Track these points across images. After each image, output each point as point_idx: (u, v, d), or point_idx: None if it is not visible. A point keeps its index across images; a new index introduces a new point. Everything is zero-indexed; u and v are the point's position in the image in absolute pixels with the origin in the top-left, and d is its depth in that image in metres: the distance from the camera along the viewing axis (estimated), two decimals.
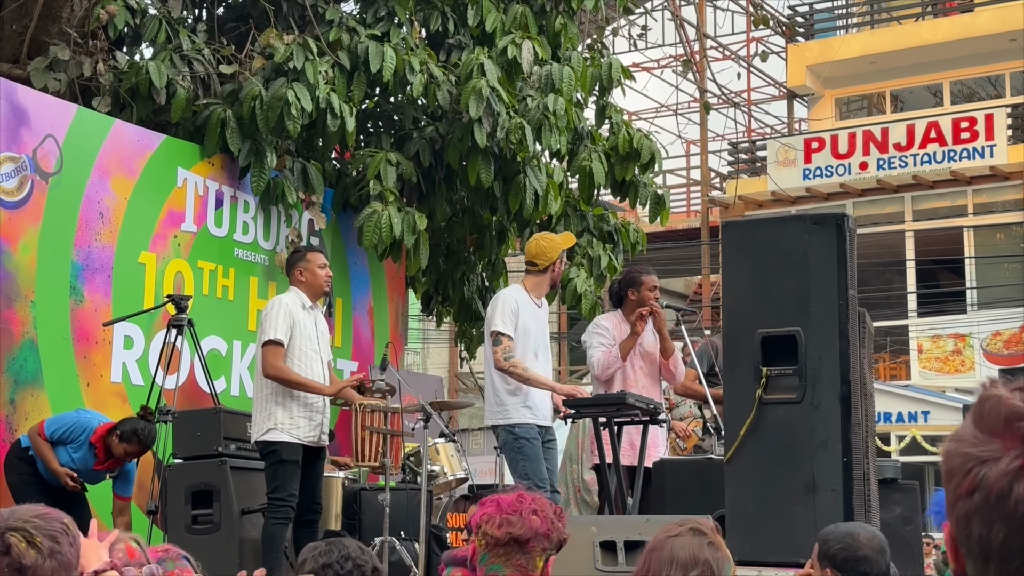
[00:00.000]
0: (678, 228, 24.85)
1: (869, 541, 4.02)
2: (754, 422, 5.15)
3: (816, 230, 5.18)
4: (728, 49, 26.82)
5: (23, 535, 2.38)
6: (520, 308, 7.41)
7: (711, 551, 3.37)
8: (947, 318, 23.62)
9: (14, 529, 2.38)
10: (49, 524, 2.44)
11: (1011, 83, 26.86)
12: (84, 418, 7.70)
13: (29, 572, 2.35)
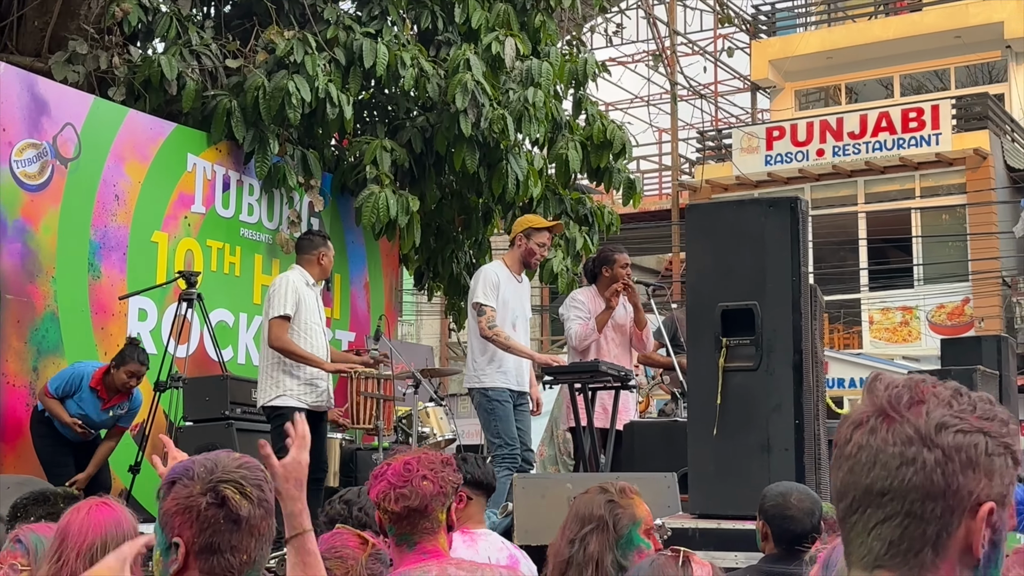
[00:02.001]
0: (650, 210, 24.83)
1: (799, 503, 4.05)
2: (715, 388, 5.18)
3: (772, 213, 5.18)
4: (696, 45, 26.79)
5: (236, 487, 2.28)
6: (500, 281, 7.43)
7: (608, 508, 3.37)
8: (896, 292, 23.69)
9: (225, 481, 2.28)
10: (254, 474, 2.35)
11: (956, 77, 26.90)
12: (79, 368, 7.71)
13: (243, 523, 2.28)
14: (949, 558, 1.36)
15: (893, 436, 1.37)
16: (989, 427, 1.37)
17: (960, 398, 1.39)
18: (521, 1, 10.66)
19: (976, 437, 1.36)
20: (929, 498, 1.35)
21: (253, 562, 2.31)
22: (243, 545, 2.28)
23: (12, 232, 8.13)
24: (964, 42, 25.57)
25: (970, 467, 1.35)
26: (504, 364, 7.35)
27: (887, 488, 1.37)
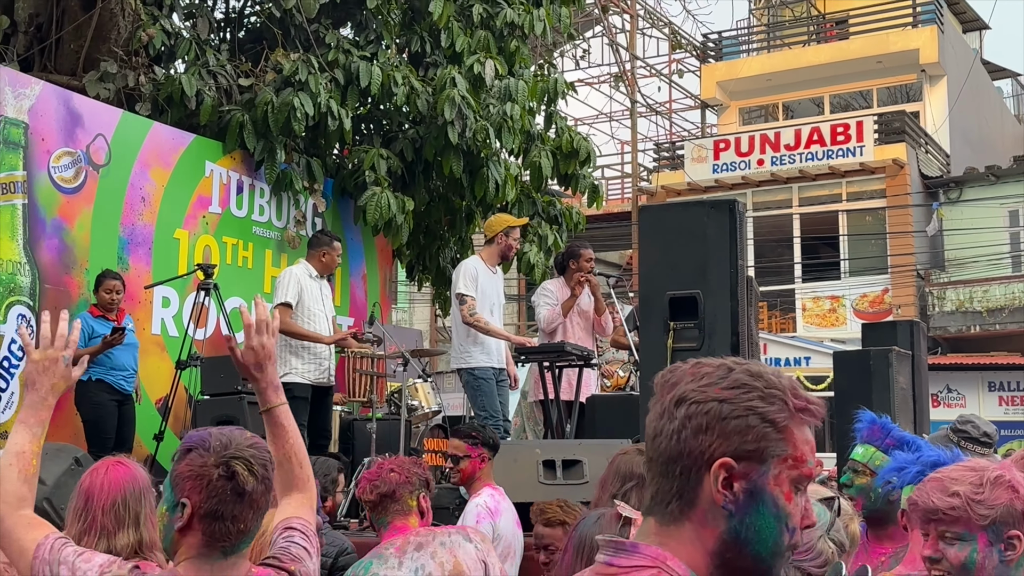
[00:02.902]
0: (613, 211, 24.84)
1: None
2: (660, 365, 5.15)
3: (713, 213, 5.15)
4: (653, 68, 26.78)
5: (245, 464, 2.27)
6: (479, 274, 7.42)
7: None
8: (825, 283, 23.79)
9: (237, 458, 2.27)
10: (261, 454, 2.34)
11: (878, 96, 27.00)
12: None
13: (247, 496, 2.27)
14: (698, 508, 1.43)
15: (653, 414, 1.48)
16: (729, 395, 1.43)
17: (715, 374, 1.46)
18: (499, 28, 10.63)
19: (709, 405, 1.43)
20: (671, 461, 1.45)
21: (248, 531, 2.31)
22: (243, 516, 2.28)
23: (50, 230, 8.10)
24: (885, 66, 25.68)
25: (701, 431, 1.43)
26: (486, 346, 7.35)
27: (651, 455, 1.49)
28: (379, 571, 3.19)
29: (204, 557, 2.27)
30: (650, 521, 1.47)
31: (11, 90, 7.88)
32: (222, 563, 2.27)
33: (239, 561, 2.31)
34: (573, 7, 12.01)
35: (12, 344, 7.74)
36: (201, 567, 2.26)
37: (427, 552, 3.21)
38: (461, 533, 3.33)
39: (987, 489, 2.27)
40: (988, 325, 22.43)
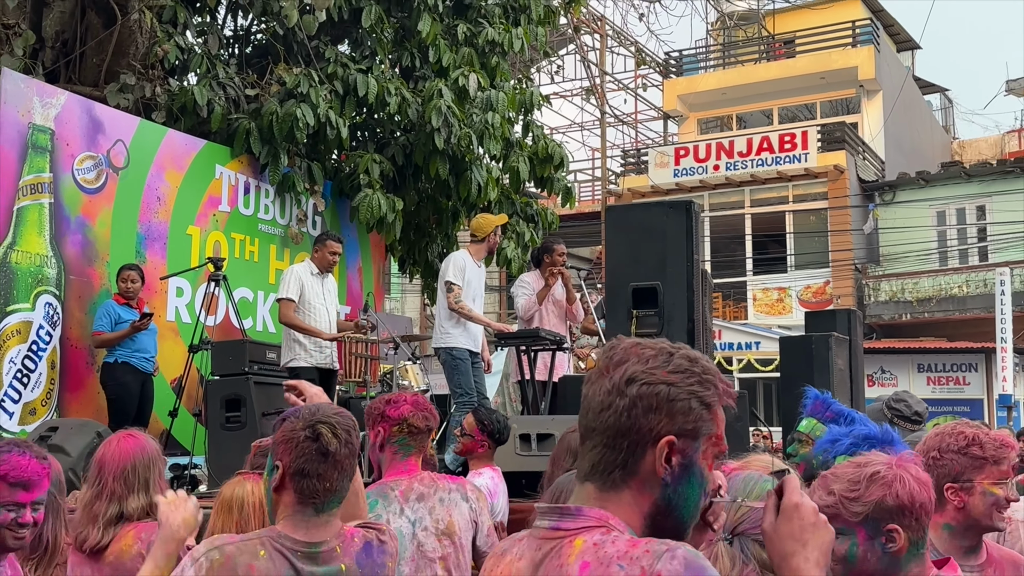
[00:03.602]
0: (584, 212, 24.80)
1: None
2: None
3: (672, 213, 5.17)
4: (620, 82, 26.77)
5: (330, 428, 2.33)
6: (466, 266, 7.39)
7: None
8: (773, 276, 23.87)
9: (323, 423, 2.33)
10: (345, 421, 2.38)
11: (821, 109, 27.07)
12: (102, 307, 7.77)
13: (331, 456, 2.32)
14: (638, 477, 1.46)
15: (600, 388, 1.47)
16: (675, 379, 1.46)
17: (659, 357, 1.48)
18: (481, 45, 10.60)
19: (659, 387, 1.45)
20: (619, 434, 1.45)
21: (335, 491, 2.35)
22: (328, 474, 2.32)
23: (74, 226, 8.05)
24: (827, 82, 25.75)
25: (651, 411, 1.45)
26: (467, 329, 7.32)
27: (595, 426, 1.47)
28: (382, 513, 3.17)
29: (299, 514, 2.31)
30: (588, 487, 1.48)
31: (39, 100, 7.82)
32: (315, 519, 2.31)
33: (331, 520, 2.35)
34: (548, 27, 11.98)
35: (40, 330, 7.69)
36: (297, 523, 2.30)
37: (426, 506, 3.20)
38: (460, 491, 3.31)
39: (862, 487, 2.18)
40: (918, 313, 22.57)
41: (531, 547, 1.50)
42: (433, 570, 3.13)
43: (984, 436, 2.65)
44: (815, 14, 26.78)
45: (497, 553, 1.59)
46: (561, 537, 1.45)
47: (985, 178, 23.17)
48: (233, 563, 2.21)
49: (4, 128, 7.56)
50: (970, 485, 2.59)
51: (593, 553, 1.41)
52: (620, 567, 1.37)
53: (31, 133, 7.72)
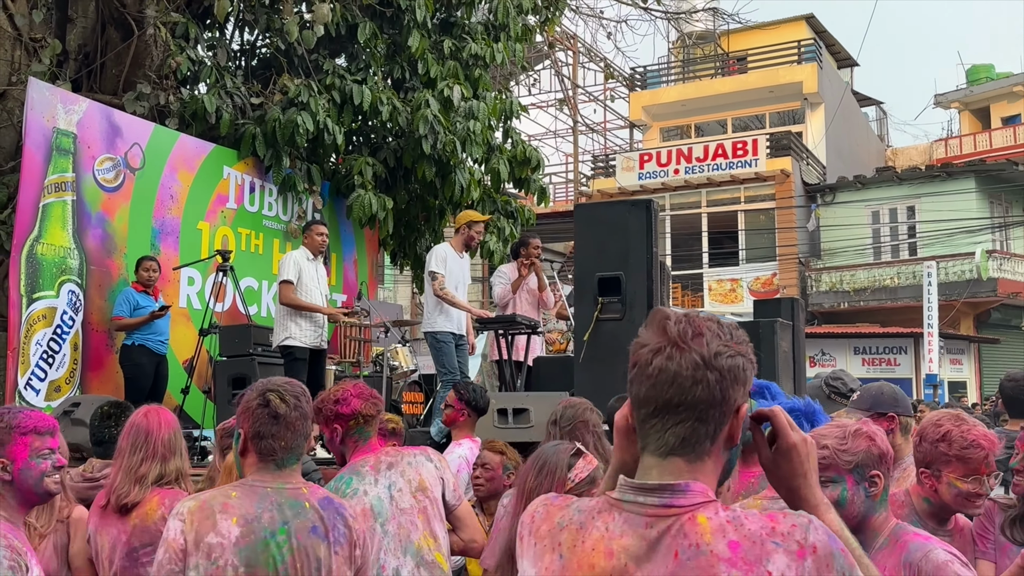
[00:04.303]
0: (559, 210, 24.74)
1: None
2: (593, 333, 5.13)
3: (633, 210, 5.15)
4: (591, 94, 26.74)
5: (277, 394, 2.39)
6: (448, 257, 7.34)
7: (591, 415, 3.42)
8: (727, 269, 23.97)
9: (271, 391, 2.40)
10: (294, 388, 2.44)
11: (769, 119, 27.16)
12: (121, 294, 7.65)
13: (281, 419, 2.38)
14: (717, 445, 1.39)
15: (685, 362, 1.36)
16: (744, 350, 1.41)
17: (723, 329, 1.41)
18: (465, 59, 10.54)
19: (739, 360, 1.39)
20: (711, 406, 1.36)
21: (291, 448, 2.41)
22: (281, 434, 2.39)
23: (95, 221, 7.96)
24: (775, 95, 25.83)
25: (736, 382, 1.38)
26: (450, 315, 7.28)
27: (681, 401, 1.36)
28: (359, 486, 3.15)
29: (263, 471, 2.40)
30: (677, 461, 1.36)
31: (62, 107, 7.73)
32: (277, 473, 2.39)
33: (292, 474, 2.42)
34: (526, 43, 11.91)
35: (64, 315, 7.61)
36: (263, 475, 2.39)
37: (397, 471, 3.18)
38: (423, 454, 3.30)
39: (849, 440, 2.29)
40: (854, 302, 22.72)
41: (634, 523, 1.35)
42: (414, 523, 3.12)
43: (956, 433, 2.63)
44: (765, 34, 26.83)
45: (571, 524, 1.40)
46: (677, 514, 1.33)
47: (915, 182, 23.33)
48: (208, 506, 2.30)
49: (31, 132, 7.47)
50: (938, 475, 2.61)
51: (735, 531, 1.31)
52: (776, 544, 1.28)
53: (55, 137, 7.62)
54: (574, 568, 1.34)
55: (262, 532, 2.27)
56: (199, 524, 2.27)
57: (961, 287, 21.27)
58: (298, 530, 2.30)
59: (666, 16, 14.01)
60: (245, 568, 2.24)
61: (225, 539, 2.25)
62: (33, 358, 7.34)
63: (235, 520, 2.27)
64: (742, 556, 1.28)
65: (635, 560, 1.31)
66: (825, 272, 23.23)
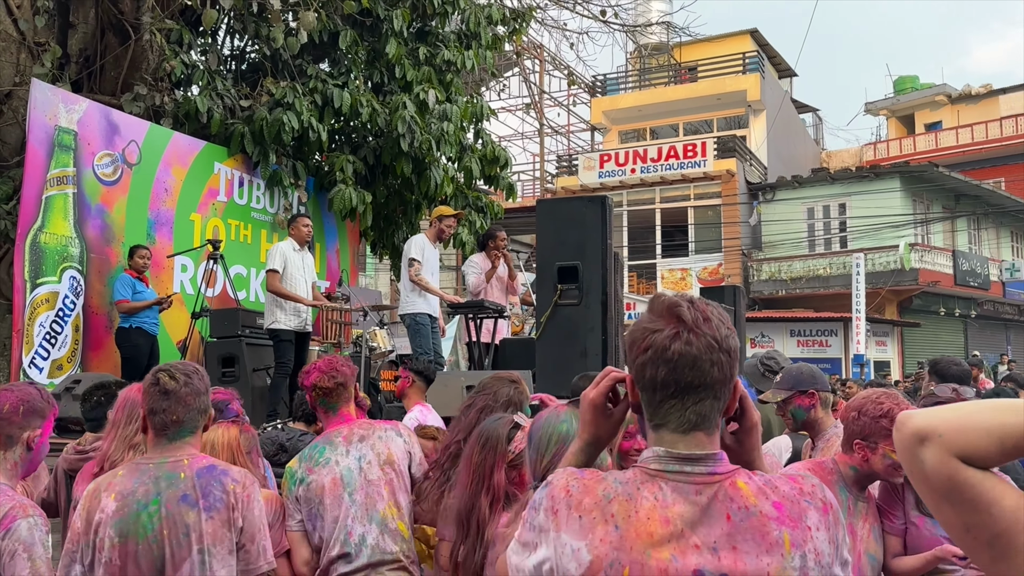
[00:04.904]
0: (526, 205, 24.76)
1: None
2: (551, 316, 5.13)
3: (590, 205, 5.14)
4: (556, 99, 26.71)
5: (167, 373, 2.41)
6: (424, 246, 7.34)
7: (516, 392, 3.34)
8: (677, 259, 24.11)
9: (163, 370, 2.42)
10: (185, 367, 2.45)
11: (717, 124, 27.31)
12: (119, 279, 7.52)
13: (171, 395, 2.37)
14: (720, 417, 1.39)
15: (703, 346, 1.34)
16: (734, 330, 1.40)
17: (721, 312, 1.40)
18: (439, 65, 10.47)
19: (736, 339, 1.39)
20: (724, 385, 1.36)
21: (180, 421, 2.40)
22: (170, 408, 2.38)
23: (94, 213, 7.83)
24: (722, 102, 25.97)
25: (736, 359, 1.38)
26: (427, 298, 7.28)
27: (702, 382, 1.34)
28: (332, 456, 3.12)
29: (157, 445, 2.41)
30: (699, 435, 1.34)
31: (64, 106, 7.59)
32: (169, 446, 2.39)
33: (184, 446, 2.41)
34: (495, 51, 11.85)
35: (65, 299, 7.49)
36: (153, 452, 2.41)
37: (368, 444, 3.15)
38: (394, 429, 3.27)
39: None
40: (791, 289, 22.96)
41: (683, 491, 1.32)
42: (380, 493, 3.10)
43: (896, 411, 2.64)
44: (713, 46, 26.94)
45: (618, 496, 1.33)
46: (719, 481, 1.32)
47: (846, 181, 23.58)
48: (98, 487, 2.35)
49: (34, 130, 7.33)
50: (875, 446, 2.63)
51: (775, 492, 1.32)
52: (808, 503, 1.32)
53: (57, 134, 7.48)
54: (632, 537, 1.29)
55: (135, 505, 2.28)
56: (90, 505, 2.32)
57: (886, 276, 21.56)
58: (168, 500, 2.29)
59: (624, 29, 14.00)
60: (119, 539, 2.24)
61: (104, 514, 2.27)
62: (37, 339, 7.22)
63: (113, 496, 2.29)
64: (787, 514, 1.31)
65: (690, 525, 1.30)
66: (765, 263, 23.45)
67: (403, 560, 3.06)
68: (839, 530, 1.33)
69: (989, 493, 1.08)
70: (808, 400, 3.32)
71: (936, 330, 22.77)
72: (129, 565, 2.22)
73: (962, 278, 22.75)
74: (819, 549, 1.30)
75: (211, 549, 2.28)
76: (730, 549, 1.27)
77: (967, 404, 1.14)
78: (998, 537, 1.08)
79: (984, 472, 1.10)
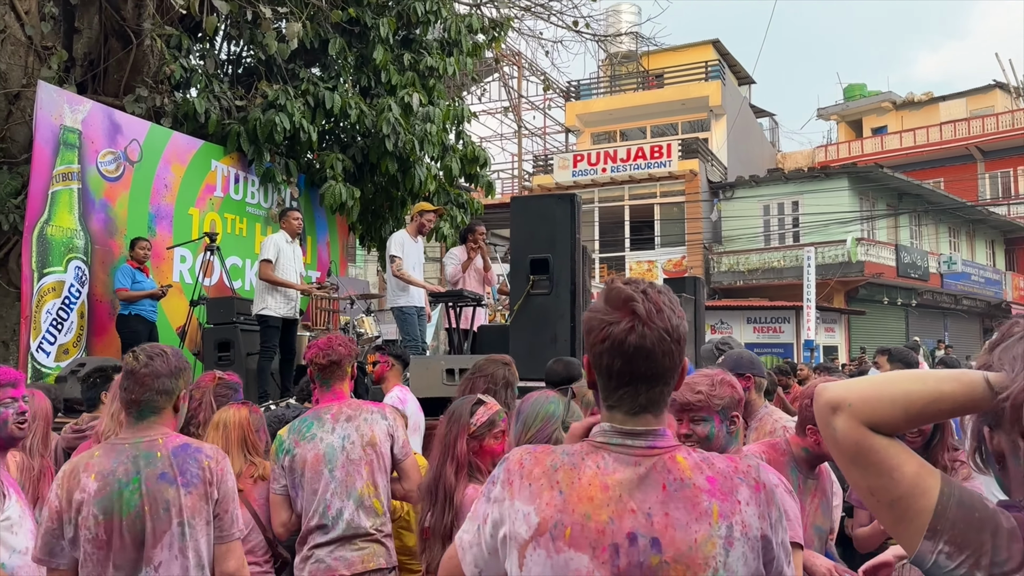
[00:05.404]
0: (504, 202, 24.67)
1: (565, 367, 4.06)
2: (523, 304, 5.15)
3: (560, 202, 5.16)
4: (532, 103, 26.67)
5: (132, 354, 2.38)
6: (405, 242, 7.32)
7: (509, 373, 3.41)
8: (645, 252, 24.19)
9: (131, 351, 2.39)
10: (152, 349, 2.40)
11: (681, 127, 27.38)
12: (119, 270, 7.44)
13: (135, 375, 2.32)
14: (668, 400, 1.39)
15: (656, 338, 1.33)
16: (682, 313, 1.39)
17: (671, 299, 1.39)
18: (422, 71, 10.43)
19: (685, 324, 1.38)
20: (673, 372, 1.35)
21: (144, 401, 2.35)
22: (134, 388, 2.34)
23: (98, 207, 7.75)
24: (686, 107, 26.04)
25: (685, 343, 1.37)
26: (410, 292, 7.26)
27: (655, 372, 1.34)
28: (317, 432, 3.12)
29: (128, 424, 2.38)
30: (647, 416, 1.35)
31: (68, 107, 7.49)
32: (138, 425, 2.36)
33: (152, 426, 2.37)
34: (475, 58, 11.82)
35: (71, 288, 7.42)
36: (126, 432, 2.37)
37: (353, 424, 3.15)
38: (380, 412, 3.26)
39: (717, 387, 2.36)
40: (748, 280, 23.13)
41: (623, 461, 1.33)
42: (359, 472, 3.11)
43: None
44: (678, 55, 26.99)
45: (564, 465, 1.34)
46: (659, 454, 1.33)
47: (799, 181, 23.75)
48: (75, 467, 2.31)
49: (40, 128, 7.24)
50: None
51: (710, 468, 1.33)
52: (740, 479, 1.32)
53: (62, 133, 7.39)
54: (575, 500, 1.31)
55: (116, 484, 2.26)
56: (68, 484, 2.28)
57: (834, 268, 21.78)
58: (148, 478, 2.28)
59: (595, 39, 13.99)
60: (103, 516, 2.23)
61: (86, 494, 2.25)
62: (44, 324, 7.16)
63: (93, 476, 2.27)
64: (719, 488, 1.31)
65: (628, 491, 1.30)
66: (725, 255, 23.60)
67: (376, 534, 3.07)
68: (772, 509, 1.32)
69: (892, 459, 1.10)
70: (745, 383, 3.39)
71: (880, 318, 23.06)
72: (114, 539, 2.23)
73: (904, 270, 23.03)
74: (747, 522, 1.30)
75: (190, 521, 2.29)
76: (663, 515, 1.29)
77: (877, 376, 1.15)
78: (898, 500, 1.09)
79: (889, 439, 1.11)
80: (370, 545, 3.05)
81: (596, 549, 1.27)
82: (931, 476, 1.09)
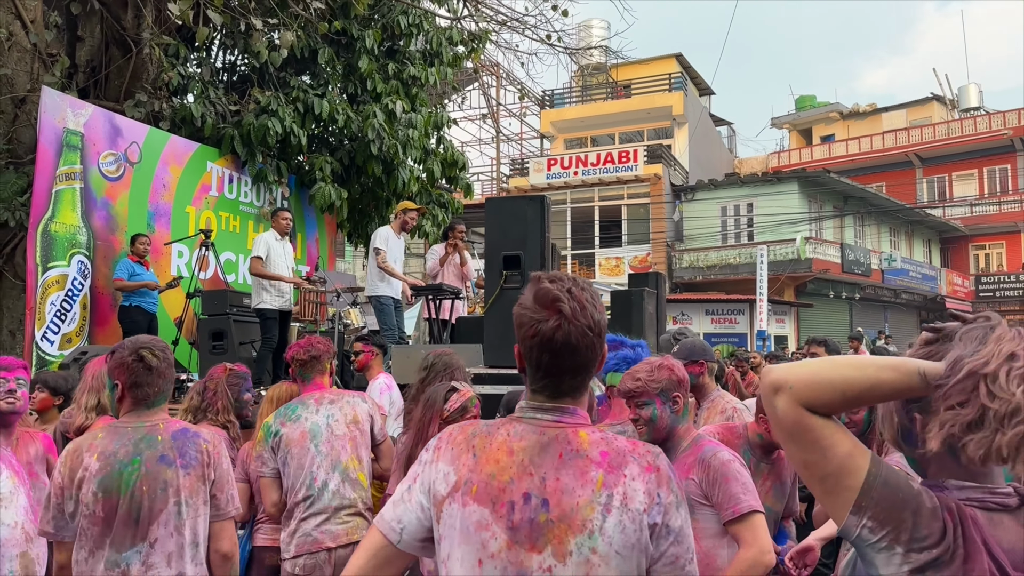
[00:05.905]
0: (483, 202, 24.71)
1: None
2: (497, 297, 5.17)
3: (531, 203, 5.18)
4: (510, 110, 26.64)
5: (149, 351, 2.35)
6: (389, 237, 7.31)
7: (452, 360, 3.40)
8: (613, 249, 24.28)
9: (143, 348, 2.36)
10: (158, 343, 2.41)
11: (647, 134, 27.49)
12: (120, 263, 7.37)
13: (154, 370, 2.34)
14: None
15: (579, 334, 1.34)
16: (602, 307, 1.39)
17: (591, 294, 1.39)
18: (405, 79, 10.40)
19: (604, 317, 1.38)
20: (594, 361, 1.37)
21: (160, 392, 2.37)
22: (154, 382, 2.35)
23: (100, 205, 7.67)
24: (651, 116, 26.15)
25: (604, 335, 1.38)
26: (390, 282, 7.25)
27: (579, 365, 1.36)
28: (303, 413, 3.15)
29: (134, 411, 2.37)
30: (565, 400, 1.37)
31: (71, 111, 7.40)
32: (146, 412, 2.36)
33: (156, 413, 2.39)
34: (456, 68, 11.81)
35: (74, 281, 7.34)
36: (130, 417, 2.36)
37: (337, 406, 3.19)
38: (360, 397, 3.31)
39: (655, 372, 2.40)
40: (707, 275, 23.31)
41: (530, 431, 1.36)
42: (344, 447, 3.14)
43: None
44: (644, 67, 27.09)
45: (481, 433, 1.38)
46: (563, 427, 1.36)
47: (754, 184, 23.97)
48: (79, 447, 2.31)
49: (44, 131, 7.14)
50: None
51: (606, 444, 1.34)
52: (633, 459, 1.33)
53: (65, 135, 7.30)
54: (484, 462, 1.34)
55: (117, 464, 2.27)
56: (72, 463, 2.28)
57: (785, 265, 22.03)
58: (148, 459, 2.29)
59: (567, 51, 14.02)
60: (103, 494, 2.24)
61: (88, 472, 2.26)
62: (48, 315, 7.08)
63: (96, 456, 2.27)
64: (608, 461, 1.32)
65: (530, 457, 1.33)
66: (686, 253, 23.77)
67: (359, 507, 3.10)
68: (665, 492, 1.31)
69: (827, 439, 1.11)
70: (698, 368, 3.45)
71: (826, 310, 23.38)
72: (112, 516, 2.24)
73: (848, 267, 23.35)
74: (628, 495, 1.30)
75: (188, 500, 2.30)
76: (555, 480, 1.32)
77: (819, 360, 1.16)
78: (828, 476, 1.11)
79: (825, 419, 1.12)
80: (354, 519, 3.07)
81: (496, 504, 1.31)
82: (862, 456, 1.10)
